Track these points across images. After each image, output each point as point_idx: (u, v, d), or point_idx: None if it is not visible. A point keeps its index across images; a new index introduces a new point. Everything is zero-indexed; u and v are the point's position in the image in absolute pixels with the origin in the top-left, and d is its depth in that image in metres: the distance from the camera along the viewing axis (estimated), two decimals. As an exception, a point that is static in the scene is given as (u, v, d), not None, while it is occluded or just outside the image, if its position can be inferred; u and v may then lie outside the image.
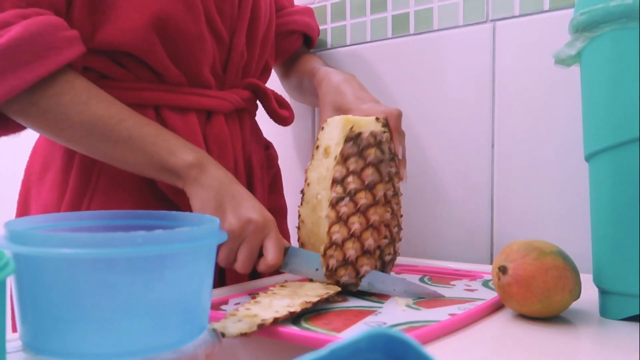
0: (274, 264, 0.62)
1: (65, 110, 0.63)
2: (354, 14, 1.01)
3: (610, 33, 0.50)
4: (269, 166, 0.89)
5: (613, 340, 0.46)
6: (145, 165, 0.65)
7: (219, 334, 0.43)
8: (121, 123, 0.64)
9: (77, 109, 0.63)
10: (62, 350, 0.38)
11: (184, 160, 0.64)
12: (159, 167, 0.65)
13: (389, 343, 0.26)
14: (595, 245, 0.54)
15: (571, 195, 0.78)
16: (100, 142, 0.64)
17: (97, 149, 0.65)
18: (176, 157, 0.64)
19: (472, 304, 0.56)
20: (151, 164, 0.64)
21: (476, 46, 0.86)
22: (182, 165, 0.64)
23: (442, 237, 0.91)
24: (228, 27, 0.77)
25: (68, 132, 0.64)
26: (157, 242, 0.38)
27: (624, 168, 0.50)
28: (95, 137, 0.64)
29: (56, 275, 0.37)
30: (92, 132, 0.64)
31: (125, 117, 0.64)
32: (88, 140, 0.65)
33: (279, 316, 0.47)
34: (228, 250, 0.63)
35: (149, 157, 0.64)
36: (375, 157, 0.63)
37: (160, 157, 0.64)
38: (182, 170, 0.64)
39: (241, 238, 0.62)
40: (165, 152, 0.64)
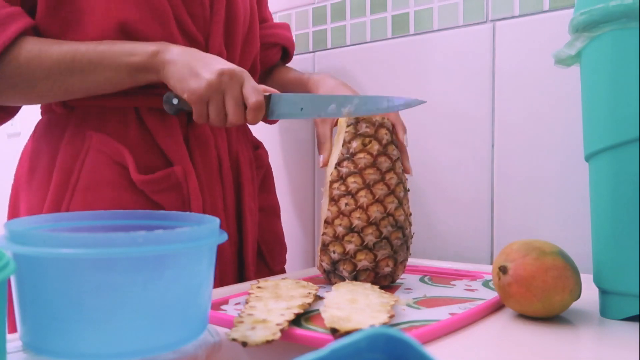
0: (257, 106, 0.65)
1: (27, 67, 0.67)
2: (354, 14, 1.01)
3: (610, 33, 0.50)
4: (258, 166, 0.90)
5: (613, 340, 0.46)
6: (118, 77, 0.68)
7: (241, 343, 0.41)
8: (77, 54, 0.67)
9: (36, 62, 0.67)
10: (62, 350, 0.38)
11: (145, 52, 0.67)
12: (129, 71, 0.68)
13: (389, 343, 0.26)
14: (595, 245, 0.54)
15: (571, 195, 0.78)
16: (70, 78, 0.68)
17: (73, 86, 0.69)
18: (136, 55, 0.67)
19: (472, 303, 0.56)
20: (121, 71, 0.68)
21: (476, 46, 0.86)
22: (146, 58, 0.67)
23: (442, 237, 0.91)
24: (202, 28, 0.77)
25: (41, 86, 0.68)
26: (157, 242, 0.38)
27: (624, 168, 0.50)
28: (63, 76, 0.67)
29: (56, 275, 0.37)
30: (58, 73, 0.67)
31: (78, 47, 0.67)
32: (59, 83, 0.68)
33: (289, 319, 0.46)
34: (216, 107, 0.66)
35: (115, 67, 0.67)
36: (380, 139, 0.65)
37: (124, 63, 0.67)
38: (146, 62, 0.67)
39: (221, 89, 0.65)
40: (126, 56, 0.67)
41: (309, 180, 1.08)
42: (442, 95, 0.90)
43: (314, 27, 1.06)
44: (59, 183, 0.72)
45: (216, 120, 0.67)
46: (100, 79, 0.68)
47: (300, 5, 1.08)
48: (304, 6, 1.07)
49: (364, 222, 0.63)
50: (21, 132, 1.78)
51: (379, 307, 0.49)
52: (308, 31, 1.07)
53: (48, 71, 0.67)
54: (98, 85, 0.69)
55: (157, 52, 0.67)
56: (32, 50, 0.67)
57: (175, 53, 0.67)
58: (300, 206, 1.10)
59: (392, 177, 0.65)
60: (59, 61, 0.67)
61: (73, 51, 0.67)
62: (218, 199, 0.78)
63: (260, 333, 0.42)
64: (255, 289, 0.57)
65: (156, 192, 0.73)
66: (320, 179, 1.06)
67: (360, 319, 0.46)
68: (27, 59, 0.67)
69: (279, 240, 0.92)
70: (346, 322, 0.44)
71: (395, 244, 0.64)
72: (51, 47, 0.67)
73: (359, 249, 0.63)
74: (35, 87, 0.68)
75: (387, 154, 0.65)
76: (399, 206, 0.65)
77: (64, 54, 0.67)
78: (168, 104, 0.70)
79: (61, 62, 0.67)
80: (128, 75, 0.68)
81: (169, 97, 0.70)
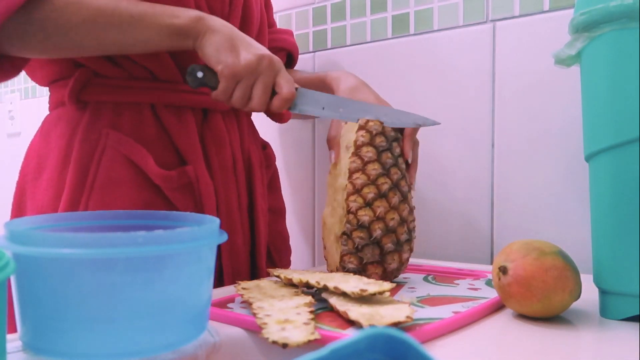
0: (289, 97, 0.66)
1: (63, 12, 0.63)
2: (354, 14, 1.01)
3: (610, 33, 0.50)
4: (267, 165, 0.90)
5: (613, 340, 0.46)
6: (155, 37, 0.65)
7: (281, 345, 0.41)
8: (118, 7, 0.64)
9: (74, 8, 0.63)
10: (62, 350, 0.38)
11: (188, 16, 0.65)
12: (169, 33, 0.65)
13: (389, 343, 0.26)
14: (595, 245, 0.54)
15: (571, 195, 0.78)
16: (107, 32, 0.65)
17: (106, 39, 0.66)
18: (179, 17, 0.65)
19: (475, 302, 0.56)
20: (161, 33, 0.65)
21: (476, 46, 0.86)
22: (188, 22, 0.65)
23: (442, 237, 0.91)
24: None
25: (72, 35, 0.64)
26: (157, 242, 0.38)
27: (624, 168, 0.50)
28: (101, 28, 0.64)
29: (56, 275, 0.37)
30: (95, 25, 0.64)
31: (119, 1, 0.65)
32: (95, 35, 0.65)
33: (310, 317, 0.47)
34: (244, 88, 0.65)
35: (157, 28, 0.65)
36: (381, 145, 0.66)
37: (166, 23, 0.65)
38: (188, 26, 0.65)
39: (257, 73, 0.65)
40: (169, 17, 0.65)
41: (309, 181, 1.08)
42: (442, 95, 0.90)
43: (314, 27, 1.06)
44: (75, 181, 0.71)
45: (238, 102, 0.66)
46: (138, 36, 0.65)
47: (300, 5, 1.08)
48: (304, 6, 1.07)
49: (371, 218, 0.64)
50: (21, 132, 1.78)
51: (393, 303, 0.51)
52: (308, 31, 1.07)
53: (85, 19, 0.63)
54: (133, 43, 0.66)
55: (201, 18, 0.65)
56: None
57: (218, 23, 0.66)
58: (300, 207, 1.10)
59: (395, 173, 0.66)
60: (98, 11, 0.64)
61: (114, 4, 0.64)
62: (233, 198, 0.77)
63: (297, 333, 0.42)
64: (243, 290, 0.57)
65: (172, 189, 0.72)
66: (320, 178, 1.06)
67: (387, 312, 0.47)
68: (64, 3, 0.63)
69: (285, 241, 0.92)
70: (381, 318, 0.46)
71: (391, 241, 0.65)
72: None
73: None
74: (67, 35, 0.64)
75: (398, 164, 0.68)
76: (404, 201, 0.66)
77: (105, 5, 0.64)
78: (192, 76, 0.68)
79: (101, 12, 0.64)
80: (167, 36, 0.66)
81: (194, 70, 0.68)
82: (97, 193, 0.70)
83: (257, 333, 0.49)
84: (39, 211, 0.74)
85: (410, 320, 0.46)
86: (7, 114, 1.83)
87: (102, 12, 0.64)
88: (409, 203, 0.68)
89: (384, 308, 0.49)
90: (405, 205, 0.66)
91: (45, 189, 0.74)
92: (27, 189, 0.77)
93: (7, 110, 1.83)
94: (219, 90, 0.66)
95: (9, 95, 1.82)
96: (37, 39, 0.65)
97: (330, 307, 0.54)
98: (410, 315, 0.46)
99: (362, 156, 0.65)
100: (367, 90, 0.80)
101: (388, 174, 0.66)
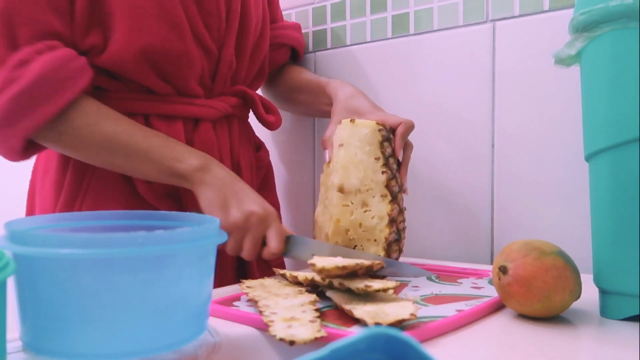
0: (276, 252, 0.68)
1: (80, 132, 0.68)
2: (354, 14, 1.00)
3: (610, 33, 0.50)
4: (259, 167, 0.91)
5: (613, 340, 0.46)
6: (156, 173, 0.70)
7: (288, 342, 0.41)
8: (130, 138, 0.69)
9: (89, 130, 0.68)
10: (62, 350, 0.38)
11: (190, 165, 0.69)
12: (169, 174, 0.70)
13: (389, 343, 0.26)
14: (595, 245, 0.54)
15: (571, 195, 0.78)
16: (113, 157, 0.70)
17: (113, 164, 0.71)
18: (183, 162, 0.69)
19: (478, 300, 0.56)
20: (161, 171, 0.70)
21: (476, 46, 0.86)
22: (189, 170, 0.69)
23: (442, 237, 0.91)
24: (216, 40, 0.79)
25: (84, 152, 0.71)
26: (157, 242, 0.38)
27: (624, 168, 0.50)
28: (108, 153, 0.70)
29: (56, 275, 0.37)
30: (105, 149, 0.69)
31: (133, 131, 0.70)
32: (103, 157, 0.71)
33: (316, 315, 0.47)
34: (234, 241, 0.68)
35: (158, 166, 0.70)
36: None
37: (168, 165, 0.69)
38: (188, 174, 0.69)
39: (245, 230, 0.68)
40: (172, 160, 0.69)
41: (309, 181, 1.08)
42: (442, 95, 0.90)
43: (314, 27, 1.06)
44: (71, 185, 0.75)
45: (230, 252, 0.69)
46: (141, 168, 0.70)
47: (300, 5, 1.08)
48: (304, 6, 1.07)
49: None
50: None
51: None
52: (308, 31, 1.07)
53: (97, 143, 0.69)
54: (135, 172, 0.72)
55: (200, 169, 0.69)
56: (89, 116, 0.68)
57: (216, 176, 0.69)
58: (299, 206, 1.10)
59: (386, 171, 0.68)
60: (111, 139, 0.69)
61: (127, 135, 0.69)
62: None
63: (304, 331, 0.43)
64: (247, 288, 0.57)
65: (155, 198, 0.76)
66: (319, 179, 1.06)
67: (391, 310, 0.47)
68: (83, 124, 0.68)
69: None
70: (386, 316, 0.46)
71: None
72: (107, 120, 0.69)
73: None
74: (78, 150, 0.70)
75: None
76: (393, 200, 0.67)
77: (118, 134, 0.69)
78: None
79: (113, 141, 0.69)
80: (166, 176, 0.70)
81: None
82: (90, 197, 0.75)
83: (263, 331, 0.49)
84: (42, 208, 0.79)
85: (414, 318, 0.46)
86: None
87: (114, 141, 0.69)
88: (398, 204, 0.68)
89: (388, 306, 0.49)
90: (395, 205, 0.66)
91: (49, 187, 0.78)
92: (36, 187, 0.82)
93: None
94: None
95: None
96: (54, 144, 0.70)
97: (334, 306, 0.54)
98: (415, 313, 0.46)
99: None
100: (363, 98, 0.82)
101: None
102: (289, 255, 0.70)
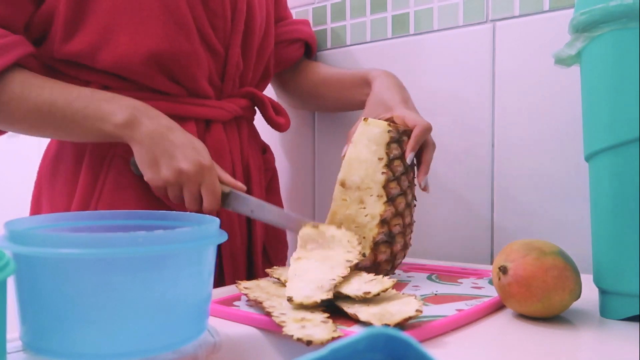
0: (210, 209, 0.68)
1: (6, 107, 0.68)
2: (354, 14, 1.00)
3: (610, 33, 0.50)
4: (266, 169, 0.91)
5: (613, 340, 0.46)
6: (87, 135, 0.69)
7: (305, 342, 0.41)
8: (53, 106, 0.67)
9: (14, 105, 0.68)
10: (62, 350, 0.38)
11: (114, 124, 0.67)
12: (98, 136, 0.69)
13: (389, 343, 0.26)
14: (595, 245, 0.54)
15: (571, 195, 0.78)
16: (43, 129, 0.70)
17: (45, 133, 0.71)
18: (108, 122, 0.67)
19: (479, 300, 0.56)
20: (91, 134, 0.69)
21: (476, 46, 0.86)
22: (114, 129, 0.67)
23: (442, 237, 0.91)
24: (222, 40, 0.79)
25: (16, 126, 0.70)
26: (157, 242, 0.38)
27: (624, 168, 0.50)
28: (38, 124, 0.69)
29: (56, 275, 0.37)
30: (33, 121, 0.69)
31: (55, 98, 0.68)
32: (35, 129, 0.70)
33: (327, 315, 0.47)
34: (173, 194, 0.69)
35: (86, 129, 0.68)
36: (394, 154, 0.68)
37: (94, 127, 0.68)
38: (115, 133, 0.67)
39: (179, 185, 0.68)
40: (98, 121, 0.67)
41: (309, 181, 1.08)
42: (442, 95, 0.90)
43: (314, 27, 1.06)
44: (86, 185, 0.74)
45: (173, 202, 0.70)
46: (71, 134, 0.70)
47: (300, 5, 1.08)
48: (304, 6, 1.07)
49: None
50: (21, 132, 1.78)
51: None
52: (308, 31, 1.07)
53: (25, 116, 0.68)
54: (68, 137, 0.71)
55: (126, 126, 0.67)
56: (14, 90, 0.67)
57: (144, 132, 0.67)
58: (299, 208, 1.10)
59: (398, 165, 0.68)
60: (35, 110, 0.68)
61: (49, 103, 0.67)
62: None
63: (319, 331, 0.43)
64: (246, 290, 0.57)
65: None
66: (320, 180, 1.06)
67: (396, 309, 0.47)
68: (8, 99, 0.67)
69: (282, 239, 0.93)
70: (392, 316, 0.46)
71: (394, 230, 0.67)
72: (32, 91, 0.68)
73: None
74: (12, 125, 0.70)
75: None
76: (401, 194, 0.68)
77: (41, 104, 0.67)
78: (134, 166, 0.72)
79: (37, 111, 0.68)
80: (97, 138, 0.69)
81: (133, 162, 0.72)
82: (106, 197, 0.74)
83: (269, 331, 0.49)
84: (55, 209, 0.77)
85: (420, 314, 0.46)
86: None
87: (39, 111, 0.68)
88: (396, 206, 0.67)
89: (391, 305, 0.49)
90: (390, 207, 0.66)
91: (60, 189, 0.77)
92: (43, 189, 0.81)
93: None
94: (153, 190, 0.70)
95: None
96: None
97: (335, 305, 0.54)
98: (420, 309, 0.46)
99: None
100: (396, 90, 0.79)
101: (410, 183, 0.68)
102: (229, 208, 0.70)
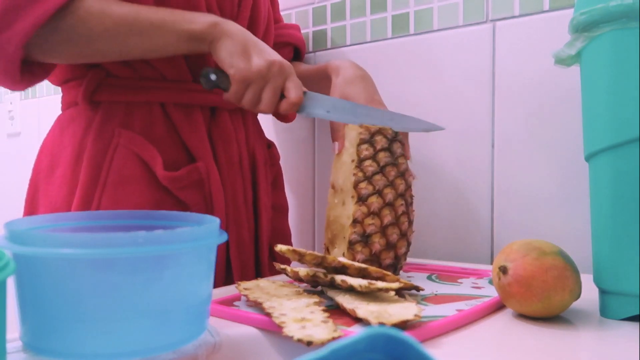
0: (296, 101, 0.69)
1: (86, 24, 0.66)
2: (354, 14, 1.00)
3: (610, 33, 0.50)
4: (272, 164, 0.91)
5: (613, 340, 0.46)
6: (174, 42, 0.69)
7: (305, 343, 0.41)
8: (139, 15, 0.67)
9: (96, 19, 0.66)
10: (62, 351, 0.38)
11: (204, 22, 0.68)
12: (187, 39, 0.68)
13: (389, 343, 0.26)
14: (595, 245, 0.54)
15: (571, 195, 0.78)
16: (128, 39, 0.68)
17: (128, 46, 0.69)
18: (197, 23, 0.68)
19: (479, 300, 0.56)
20: (179, 39, 0.68)
21: (476, 46, 0.86)
22: (205, 27, 0.68)
23: (442, 237, 0.91)
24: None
25: (96, 43, 0.68)
26: (157, 242, 0.38)
27: (624, 168, 0.50)
28: (122, 36, 0.68)
29: (56, 275, 0.37)
30: (117, 33, 0.67)
31: (139, 9, 0.68)
32: (118, 42, 0.68)
33: (326, 315, 0.47)
34: (254, 91, 0.68)
35: (175, 34, 0.68)
36: (382, 145, 0.67)
37: (184, 29, 0.68)
38: (205, 31, 0.68)
39: (267, 78, 0.68)
40: (187, 22, 0.68)
41: (309, 180, 1.08)
42: (442, 95, 0.90)
43: (314, 27, 1.06)
44: (88, 178, 0.73)
45: (248, 104, 0.69)
46: (158, 42, 0.69)
47: (300, 5, 1.08)
48: (304, 6, 1.07)
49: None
50: (21, 132, 1.78)
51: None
52: (308, 31, 1.07)
53: (107, 28, 0.67)
54: (153, 49, 0.70)
55: (217, 23, 0.68)
56: (93, 6, 0.66)
57: (233, 28, 0.69)
58: (299, 206, 1.10)
59: (399, 182, 0.68)
60: (120, 20, 0.67)
61: (135, 13, 0.67)
62: (239, 194, 0.79)
63: (320, 331, 0.42)
64: (245, 290, 0.57)
65: (180, 188, 0.74)
66: (320, 178, 1.06)
67: (395, 311, 0.47)
68: (87, 14, 0.66)
69: (287, 238, 0.93)
70: (389, 316, 0.46)
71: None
72: (112, 6, 0.67)
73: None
74: (91, 43, 0.68)
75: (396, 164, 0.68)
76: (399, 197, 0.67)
77: (126, 14, 0.67)
78: (205, 78, 0.71)
79: (122, 22, 0.67)
80: (185, 41, 0.69)
81: (207, 72, 0.71)
82: (109, 190, 0.72)
83: (269, 331, 0.49)
84: (52, 207, 0.76)
85: (418, 319, 0.46)
86: (7, 114, 1.83)
87: (124, 20, 0.67)
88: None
89: (391, 306, 0.49)
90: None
91: (59, 185, 0.76)
92: (39, 185, 0.79)
93: (7, 110, 1.83)
94: (230, 92, 0.69)
95: (9, 95, 1.82)
96: (63, 47, 0.68)
97: (336, 305, 0.54)
98: (419, 314, 0.46)
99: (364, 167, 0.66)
100: (362, 85, 0.78)
101: (391, 182, 0.67)
102: (304, 111, 0.71)
